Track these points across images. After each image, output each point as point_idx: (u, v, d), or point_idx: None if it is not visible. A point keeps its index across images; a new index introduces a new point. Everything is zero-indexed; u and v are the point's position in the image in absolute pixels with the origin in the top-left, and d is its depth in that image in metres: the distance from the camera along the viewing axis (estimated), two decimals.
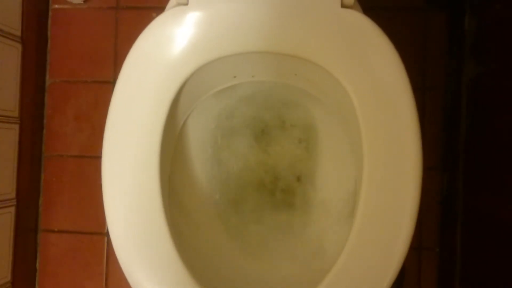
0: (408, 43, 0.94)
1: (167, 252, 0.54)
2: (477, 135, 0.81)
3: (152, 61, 0.56)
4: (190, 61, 0.56)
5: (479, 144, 0.81)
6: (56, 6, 1.01)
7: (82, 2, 0.99)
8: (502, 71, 0.73)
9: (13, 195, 0.92)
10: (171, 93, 0.56)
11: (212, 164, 0.71)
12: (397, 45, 0.56)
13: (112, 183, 0.56)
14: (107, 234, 0.99)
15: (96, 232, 0.99)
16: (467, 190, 0.84)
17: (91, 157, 1.00)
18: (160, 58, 0.56)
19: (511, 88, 0.70)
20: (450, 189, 0.90)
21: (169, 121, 0.57)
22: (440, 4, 0.93)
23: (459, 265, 0.86)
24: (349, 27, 0.55)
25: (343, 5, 0.55)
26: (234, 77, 0.64)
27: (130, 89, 0.56)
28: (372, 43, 0.55)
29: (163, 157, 0.56)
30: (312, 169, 0.72)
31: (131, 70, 0.57)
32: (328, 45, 0.55)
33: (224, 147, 0.72)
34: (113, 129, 0.56)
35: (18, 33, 0.92)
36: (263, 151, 0.73)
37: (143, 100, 0.56)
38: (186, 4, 0.55)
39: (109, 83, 0.99)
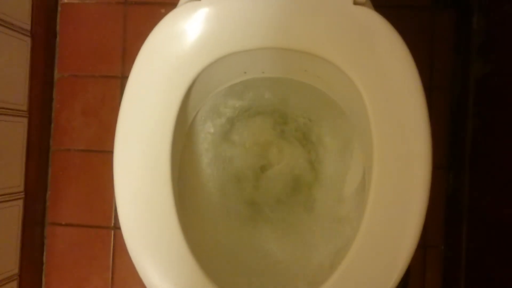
0: (415, 42, 0.94)
1: (179, 247, 0.54)
2: (483, 135, 0.82)
3: (164, 56, 0.56)
4: (201, 57, 0.56)
5: (486, 143, 0.81)
6: (65, 0, 1.01)
7: None
8: (510, 71, 0.73)
9: (22, 188, 0.93)
10: (183, 89, 0.56)
11: (219, 159, 0.72)
12: (406, 43, 0.56)
13: (124, 178, 0.56)
14: (113, 227, 1.00)
15: (102, 225, 1.00)
16: (472, 189, 0.85)
17: (98, 151, 1.00)
18: (172, 53, 0.56)
19: None
20: (455, 187, 0.90)
21: (180, 116, 0.57)
22: (447, 3, 0.93)
23: (464, 263, 0.86)
24: (361, 24, 0.55)
25: (356, 2, 0.56)
26: (245, 72, 0.64)
27: (142, 84, 0.57)
28: (384, 40, 0.55)
29: (173, 152, 0.56)
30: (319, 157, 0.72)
31: (143, 65, 0.57)
32: (339, 42, 0.55)
33: (231, 142, 0.73)
34: (125, 125, 0.57)
35: (28, 27, 0.92)
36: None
37: (155, 96, 0.56)
38: (199, 0, 0.56)
39: (117, 78, 1.00)
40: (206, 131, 0.70)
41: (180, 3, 0.59)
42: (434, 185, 0.90)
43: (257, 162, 0.73)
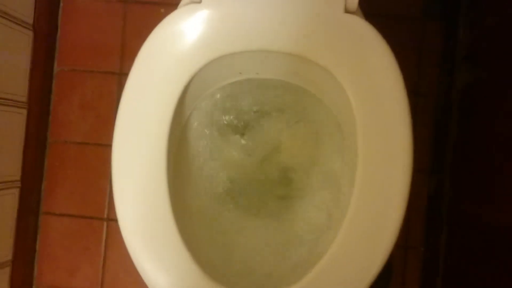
0: (404, 50, 0.98)
1: (173, 240, 0.57)
2: (465, 141, 0.86)
3: (164, 55, 0.60)
4: (200, 56, 0.60)
5: (467, 150, 0.85)
6: None
7: None
8: (492, 81, 0.77)
9: (18, 177, 0.95)
10: (181, 86, 0.60)
11: (212, 152, 0.75)
12: (394, 51, 0.60)
13: (121, 172, 0.59)
14: (106, 219, 1.02)
15: (96, 217, 1.03)
16: (453, 193, 0.89)
17: (94, 144, 1.03)
18: (172, 52, 0.60)
19: (500, 97, 0.74)
20: (437, 191, 0.94)
21: (177, 112, 0.60)
22: (436, 15, 0.97)
23: (442, 264, 0.90)
24: (351, 32, 0.59)
25: (347, 11, 0.59)
26: (240, 73, 0.68)
27: (142, 81, 0.60)
28: (372, 48, 0.59)
29: (170, 147, 0.59)
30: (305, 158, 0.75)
31: (143, 63, 0.60)
32: (330, 47, 0.59)
33: (223, 136, 0.76)
34: (124, 118, 0.59)
35: (31, 21, 0.95)
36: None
37: (154, 92, 0.59)
38: (199, 2, 0.59)
39: (115, 74, 1.03)
40: (201, 125, 0.73)
41: (181, 4, 0.63)
42: (417, 189, 0.95)
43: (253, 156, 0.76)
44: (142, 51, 0.60)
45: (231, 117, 0.75)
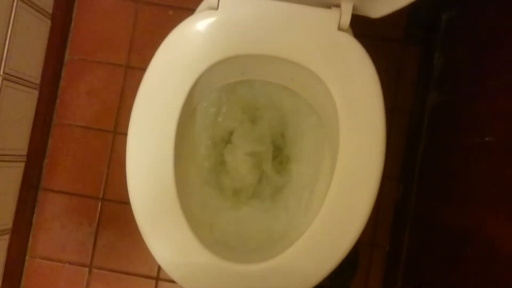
0: (385, 68, 1.09)
1: (176, 214, 0.67)
2: (431, 154, 0.96)
3: (178, 53, 0.69)
4: (209, 56, 0.69)
5: (433, 161, 0.96)
6: None
7: None
8: (457, 101, 0.88)
9: (25, 152, 1.03)
10: (191, 81, 0.69)
11: (211, 139, 0.85)
12: (376, 68, 0.70)
13: (135, 155, 0.68)
14: (101, 199, 1.10)
15: (92, 196, 1.11)
16: (418, 199, 0.99)
17: (97, 129, 1.11)
18: (186, 50, 0.69)
19: (459, 117, 0.85)
20: (404, 196, 1.05)
21: (186, 104, 0.70)
22: (416, 40, 1.09)
23: (404, 262, 1.01)
24: (342, 48, 0.70)
25: (340, 28, 0.70)
26: (242, 73, 0.78)
27: (158, 74, 0.69)
28: (358, 62, 0.69)
29: (178, 133, 0.69)
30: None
31: (160, 59, 0.69)
32: (323, 58, 0.69)
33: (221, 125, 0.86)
34: (141, 103, 0.68)
35: (50, 10, 1.04)
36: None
37: (168, 85, 0.69)
38: (216, 9, 0.69)
39: (122, 67, 1.12)
40: (203, 117, 0.83)
41: (199, 8, 0.72)
42: (388, 193, 1.06)
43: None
44: (161, 47, 0.69)
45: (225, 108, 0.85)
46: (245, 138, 0.84)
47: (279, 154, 0.85)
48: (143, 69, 0.69)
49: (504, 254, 0.64)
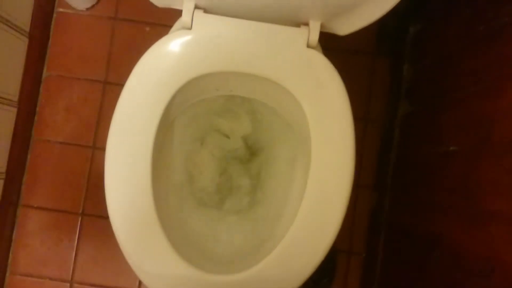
0: (358, 81, 1.13)
1: (155, 230, 0.68)
2: (402, 163, 1.00)
3: (154, 71, 0.71)
4: (184, 74, 0.71)
5: (404, 170, 0.99)
6: (61, 9, 1.14)
7: (84, 9, 1.13)
8: (424, 112, 0.92)
9: (4, 169, 1.04)
10: (167, 97, 0.71)
11: (189, 153, 0.87)
12: (349, 81, 0.73)
13: (113, 170, 0.69)
14: (81, 214, 1.11)
15: (71, 211, 1.12)
16: (391, 207, 1.02)
17: (75, 145, 1.13)
18: (161, 69, 0.71)
19: (427, 126, 0.89)
20: (378, 204, 1.08)
21: (163, 120, 0.72)
22: (386, 52, 1.13)
23: (379, 269, 1.03)
24: (311, 64, 0.72)
25: (309, 46, 0.73)
26: (217, 90, 0.80)
27: (135, 92, 0.71)
28: (327, 79, 0.72)
29: (155, 148, 0.70)
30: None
31: (137, 77, 0.71)
32: (294, 75, 0.72)
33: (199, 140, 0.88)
34: (118, 122, 0.70)
35: (27, 29, 1.05)
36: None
37: (145, 101, 0.70)
38: (190, 28, 0.71)
39: (100, 83, 1.13)
40: (181, 132, 0.85)
41: (173, 28, 0.75)
42: (362, 202, 1.09)
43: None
44: (136, 66, 0.71)
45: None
46: (220, 148, 0.87)
47: (253, 166, 0.88)
48: (121, 84, 0.70)
49: (469, 259, 0.67)
